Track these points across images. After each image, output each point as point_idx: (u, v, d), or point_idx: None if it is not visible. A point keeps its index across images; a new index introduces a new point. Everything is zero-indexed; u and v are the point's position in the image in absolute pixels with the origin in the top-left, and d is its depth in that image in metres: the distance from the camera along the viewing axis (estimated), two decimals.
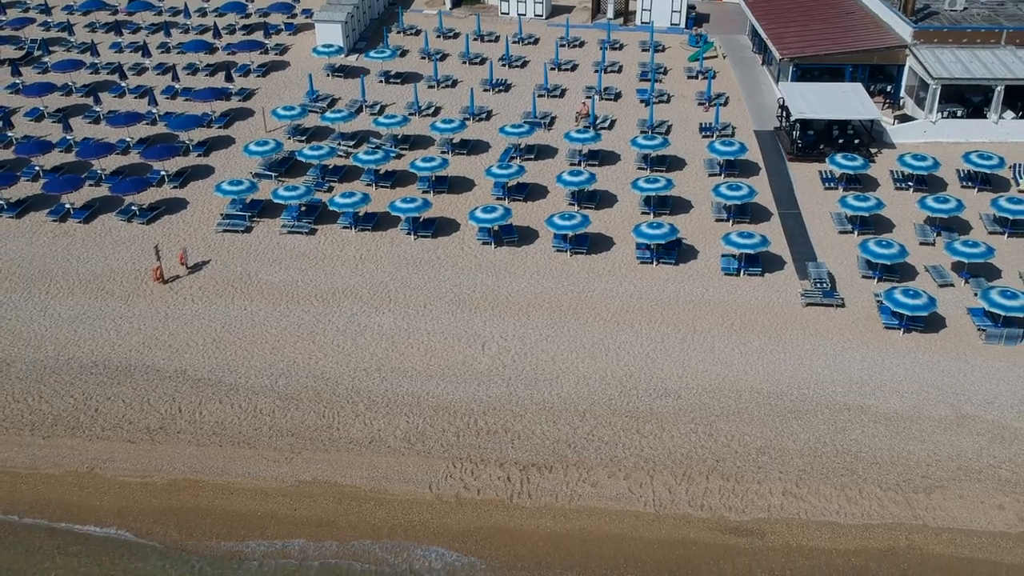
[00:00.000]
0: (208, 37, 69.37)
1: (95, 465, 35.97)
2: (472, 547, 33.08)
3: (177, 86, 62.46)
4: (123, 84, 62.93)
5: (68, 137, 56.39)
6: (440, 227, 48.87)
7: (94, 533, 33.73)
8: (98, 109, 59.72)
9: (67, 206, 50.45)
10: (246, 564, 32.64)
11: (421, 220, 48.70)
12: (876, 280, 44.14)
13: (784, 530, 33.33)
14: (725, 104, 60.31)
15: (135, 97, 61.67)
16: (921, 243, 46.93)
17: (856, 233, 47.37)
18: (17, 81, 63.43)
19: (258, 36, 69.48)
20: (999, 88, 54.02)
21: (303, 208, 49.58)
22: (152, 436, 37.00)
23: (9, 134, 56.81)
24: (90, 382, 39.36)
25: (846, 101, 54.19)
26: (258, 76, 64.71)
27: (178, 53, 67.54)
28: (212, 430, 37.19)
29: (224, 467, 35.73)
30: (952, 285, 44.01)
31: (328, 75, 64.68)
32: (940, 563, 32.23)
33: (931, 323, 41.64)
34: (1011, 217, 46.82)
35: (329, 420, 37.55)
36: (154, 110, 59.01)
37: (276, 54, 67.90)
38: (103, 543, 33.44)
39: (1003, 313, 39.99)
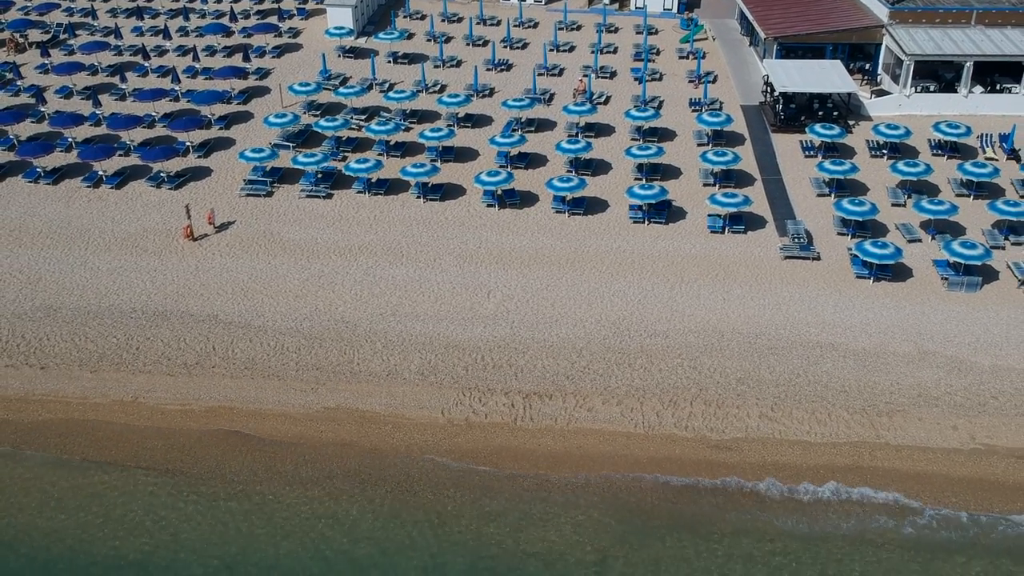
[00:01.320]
0: (225, 21, 73.10)
1: (139, 395, 39.80)
2: (481, 462, 36.86)
3: (197, 66, 66.25)
4: (146, 64, 66.68)
5: (97, 112, 60.15)
6: (447, 192, 52.65)
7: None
8: (124, 87, 63.52)
9: (100, 173, 54.22)
10: (285, 475, 36.36)
11: (430, 185, 52.49)
12: (850, 237, 47.96)
13: (759, 447, 37.19)
14: (713, 81, 64.20)
15: (158, 76, 65.44)
16: (893, 204, 50.76)
17: (832, 196, 51.18)
18: (46, 62, 67.17)
19: (272, 20, 73.25)
20: (968, 64, 57.92)
21: (319, 175, 53.38)
22: (189, 371, 40.83)
23: (42, 109, 60.57)
24: (130, 325, 43.18)
25: (826, 76, 58.11)
26: (273, 57, 68.54)
27: (197, 36, 71.30)
28: (244, 365, 41.02)
29: (256, 396, 39.58)
30: (920, 240, 47.84)
31: (339, 56, 68.50)
32: (898, 474, 36.04)
33: (899, 273, 45.50)
34: (976, 180, 50.68)
35: (350, 356, 41.38)
36: (177, 87, 62.78)
37: (289, 37, 71.73)
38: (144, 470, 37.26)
39: (963, 262, 43.85)
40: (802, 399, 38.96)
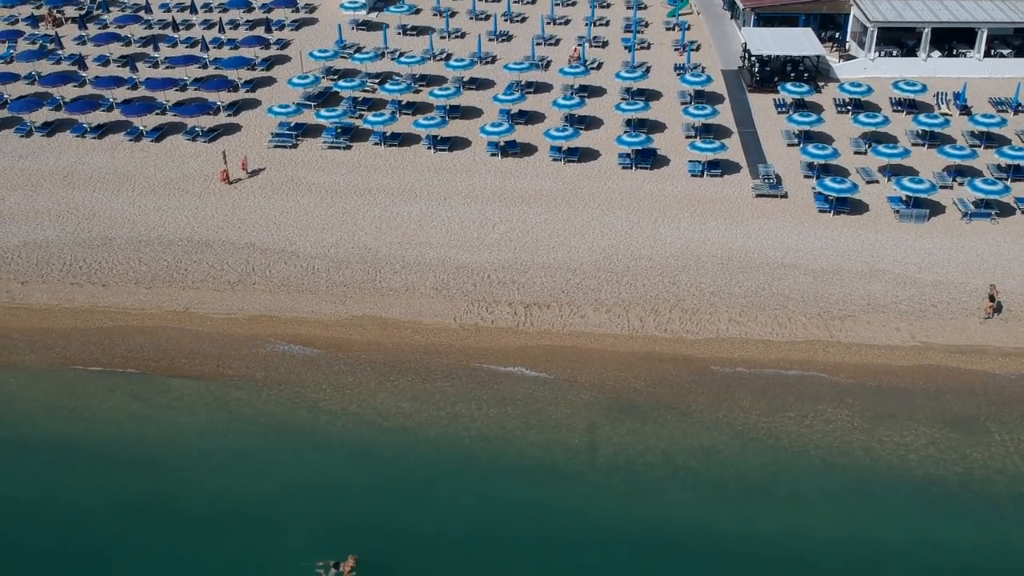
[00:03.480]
0: None
1: (189, 306, 45.65)
2: (488, 359, 42.75)
3: (223, 37, 72.14)
4: (175, 36, 72.56)
5: (134, 77, 65.98)
6: (455, 143, 58.50)
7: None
8: (156, 55, 69.37)
9: (140, 128, 60.04)
10: (319, 367, 42.25)
11: (439, 137, 58.34)
12: (814, 178, 53.82)
13: (728, 345, 43.08)
14: (697, 49, 70.17)
15: (187, 47, 71.27)
16: (855, 152, 56.63)
17: (800, 145, 57.07)
18: (83, 34, 73.04)
19: None
20: (926, 30, 63.88)
21: (339, 130, 59.21)
22: (232, 287, 46.69)
23: (83, 74, 66.41)
24: (178, 251, 49.03)
25: (797, 41, 64.13)
26: (292, 30, 74.45)
27: (220, 11, 77.08)
28: (280, 282, 46.87)
29: (292, 307, 45.43)
30: (877, 182, 53.72)
31: (353, 28, 74.36)
32: (848, 366, 41.93)
33: (856, 208, 51.41)
34: (929, 129, 56.61)
35: (372, 276, 47.24)
36: (205, 55, 68.64)
37: (306, 12, 77.60)
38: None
39: (912, 194, 49.76)
40: (766, 307, 44.85)
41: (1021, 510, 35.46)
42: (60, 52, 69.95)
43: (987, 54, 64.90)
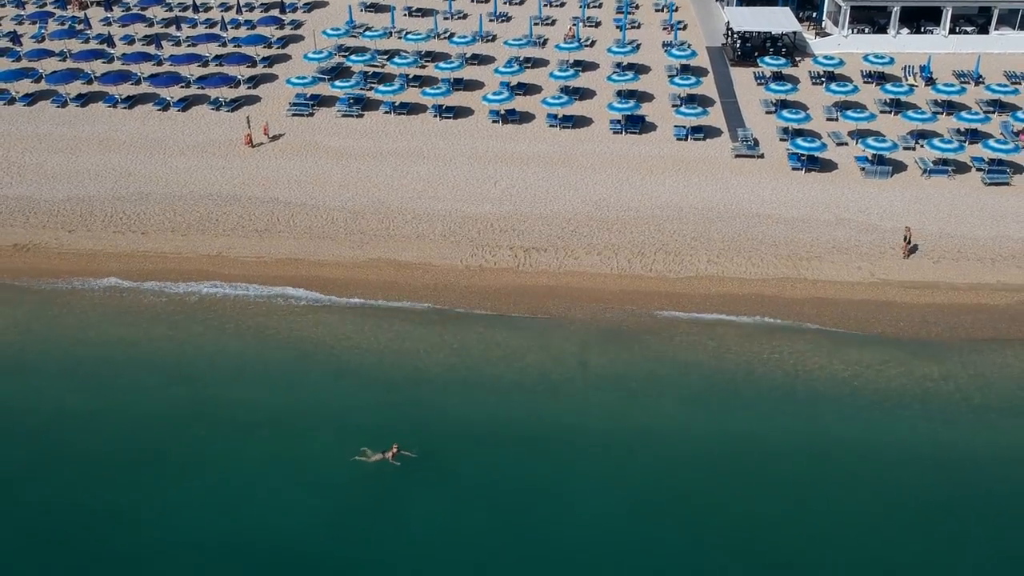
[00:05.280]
0: None
1: (222, 251, 50.57)
2: (492, 295, 47.68)
3: (240, 18, 77.04)
4: (195, 17, 77.45)
5: (159, 54, 70.85)
6: (459, 112, 63.43)
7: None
8: (178, 34, 74.28)
9: (168, 99, 64.94)
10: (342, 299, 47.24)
11: (444, 106, 63.27)
12: (788, 141, 58.79)
13: (707, 282, 48.04)
14: (683, 28, 75.20)
15: (206, 27, 76.15)
16: (827, 119, 61.64)
17: (776, 111, 62.07)
18: (108, 15, 77.92)
19: None
20: (895, 8, 68.91)
21: (352, 100, 64.13)
22: (260, 234, 51.61)
23: (112, 51, 71.28)
24: (209, 204, 53.96)
25: (775, 19, 69.20)
26: (304, 12, 79.35)
27: None
28: (303, 231, 51.81)
29: (315, 251, 50.35)
30: (846, 144, 58.70)
31: (362, 10, 79.27)
32: (813, 298, 46.88)
33: (826, 166, 56.42)
34: (895, 98, 61.63)
35: (387, 224, 52.17)
36: (224, 34, 73.52)
37: None
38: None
39: (876, 152, 54.77)
40: (741, 250, 49.83)
41: (959, 410, 40.43)
42: (88, 32, 74.81)
43: (952, 31, 70.01)
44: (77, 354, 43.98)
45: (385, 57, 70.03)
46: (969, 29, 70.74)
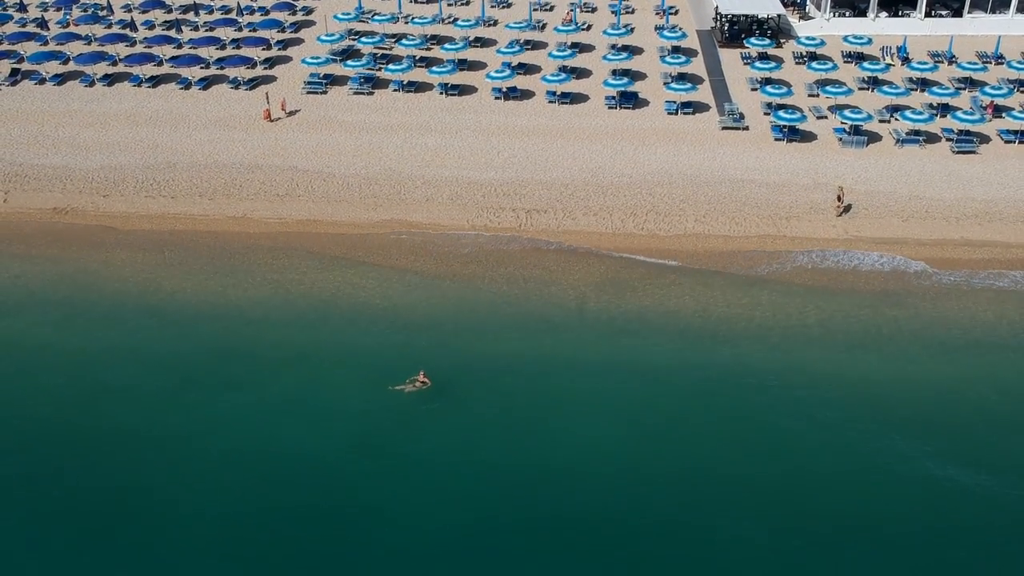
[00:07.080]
0: None
1: (246, 213, 54.71)
2: (495, 249, 51.86)
3: (254, 4, 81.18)
4: (211, 3, 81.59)
5: (178, 38, 74.98)
6: (463, 90, 67.59)
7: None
8: (196, 20, 78.40)
9: (189, 79, 69.07)
10: (358, 253, 51.24)
11: (450, 84, 67.41)
12: (772, 114, 62.95)
13: (694, 239, 52.19)
14: (675, 13, 79.36)
15: (222, 13, 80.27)
16: (809, 96, 65.82)
17: (761, 87, 66.25)
18: (129, 2, 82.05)
19: None
20: None
21: (363, 79, 68.27)
22: (281, 198, 55.75)
23: (133, 35, 75.41)
24: (232, 171, 58.09)
25: (761, 3, 73.31)
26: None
27: None
28: (321, 195, 55.94)
29: (332, 213, 54.50)
30: (825, 117, 62.87)
31: None
32: (790, 252, 51.05)
33: (806, 137, 60.58)
34: (873, 75, 65.82)
35: (398, 189, 56.32)
36: (240, 19, 77.64)
37: None
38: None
39: (852, 123, 58.95)
40: (725, 211, 53.99)
41: (924, 344, 44.60)
42: (111, 17, 78.93)
43: (928, 14, 74.20)
44: (121, 300, 48.10)
45: (393, 40, 74.14)
46: (944, 12, 74.93)
